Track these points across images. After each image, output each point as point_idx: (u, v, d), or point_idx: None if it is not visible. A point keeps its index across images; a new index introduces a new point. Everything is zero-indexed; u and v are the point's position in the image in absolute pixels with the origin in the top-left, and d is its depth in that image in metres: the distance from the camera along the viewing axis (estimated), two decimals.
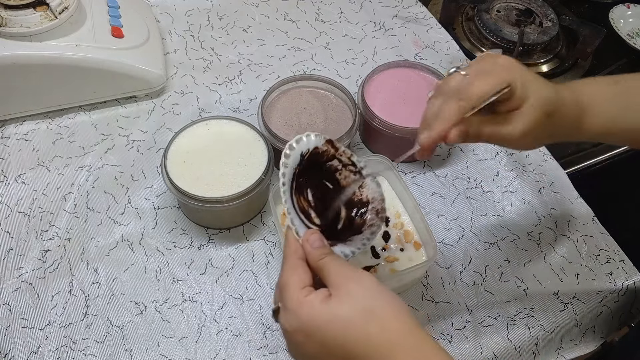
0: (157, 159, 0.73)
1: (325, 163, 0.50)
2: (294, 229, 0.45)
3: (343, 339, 0.38)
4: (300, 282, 0.42)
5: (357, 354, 0.38)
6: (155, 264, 0.64)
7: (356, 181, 0.50)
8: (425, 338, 0.39)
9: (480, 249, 0.68)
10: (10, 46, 0.67)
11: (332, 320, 0.39)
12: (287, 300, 0.41)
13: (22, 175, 0.71)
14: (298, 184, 0.48)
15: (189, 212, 0.67)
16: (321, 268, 0.42)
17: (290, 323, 0.40)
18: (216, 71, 0.85)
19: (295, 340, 0.41)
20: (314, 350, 0.40)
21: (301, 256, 0.44)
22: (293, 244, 0.44)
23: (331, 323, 0.39)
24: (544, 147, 0.78)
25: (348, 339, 0.38)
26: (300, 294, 0.41)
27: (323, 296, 0.40)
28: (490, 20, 0.94)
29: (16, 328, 0.59)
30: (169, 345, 0.59)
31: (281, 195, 0.46)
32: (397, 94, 0.74)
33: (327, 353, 0.39)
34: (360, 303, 0.39)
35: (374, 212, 0.50)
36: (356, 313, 0.39)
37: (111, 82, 0.75)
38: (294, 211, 0.46)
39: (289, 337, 0.41)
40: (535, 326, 0.63)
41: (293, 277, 0.42)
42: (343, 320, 0.39)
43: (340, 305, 0.39)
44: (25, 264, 0.63)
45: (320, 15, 0.95)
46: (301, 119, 0.71)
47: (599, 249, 0.69)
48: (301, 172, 0.48)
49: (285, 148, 0.46)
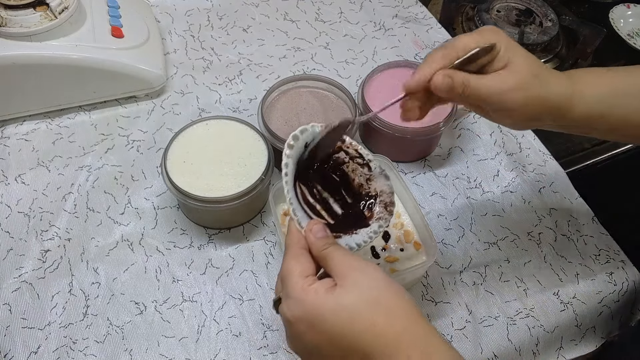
0: (157, 159, 0.73)
1: (332, 155, 0.49)
2: (296, 220, 0.44)
3: (348, 328, 0.38)
4: (303, 271, 0.41)
5: (363, 344, 0.37)
6: (155, 264, 0.64)
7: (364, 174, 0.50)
8: (431, 330, 0.39)
9: (480, 249, 0.68)
10: (10, 46, 0.67)
11: (337, 309, 0.38)
12: (290, 289, 0.40)
13: (22, 175, 0.71)
14: (302, 175, 0.47)
15: (189, 212, 0.67)
16: (325, 258, 0.41)
17: (292, 311, 0.40)
18: (216, 71, 0.85)
19: (297, 330, 0.40)
20: (316, 340, 0.39)
21: (304, 246, 0.43)
22: (295, 234, 0.43)
23: (337, 312, 0.38)
24: (543, 147, 0.78)
25: (354, 329, 0.38)
26: (305, 282, 0.40)
27: (328, 285, 0.39)
28: (490, 20, 0.94)
29: (16, 328, 0.59)
30: (169, 345, 0.59)
31: (283, 185, 0.45)
32: (397, 94, 0.74)
33: (329, 344, 0.38)
34: (366, 293, 0.39)
35: (382, 205, 0.49)
36: (362, 303, 0.38)
37: (111, 82, 0.75)
38: (296, 202, 0.46)
39: (290, 326, 0.40)
40: (535, 326, 0.63)
41: (296, 266, 0.41)
42: (349, 310, 0.38)
43: (347, 295, 0.39)
44: (25, 264, 0.63)
45: (320, 15, 0.95)
46: (301, 119, 0.71)
47: (599, 249, 0.69)
48: (306, 163, 0.47)
49: (289, 138, 0.46)
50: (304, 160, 0.47)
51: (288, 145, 0.46)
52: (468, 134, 0.79)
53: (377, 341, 0.37)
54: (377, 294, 0.39)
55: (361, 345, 0.38)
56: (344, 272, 0.40)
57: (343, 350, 0.38)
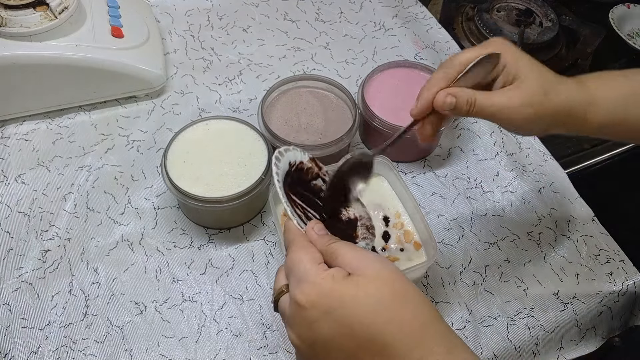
0: (157, 159, 0.73)
1: (310, 182, 0.50)
2: (295, 221, 0.43)
3: (371, 318, 0.35)
4: (314, 259, 0.39)
5: (385, 334, 0.35)
6: (155, 264, 0.64)
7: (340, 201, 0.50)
8: (449, 327, 0.38)
9: (480, 249, 0.68)
10: (10, 46, 0.67)
11: (360, 297, 0.36)
12: (302, 274, 0.38)
13: (22, 175, 0.71)
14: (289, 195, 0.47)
15: (189, 212, 0.67)
16: (333, 252, 0.39)
17: (307, 295, 0.36)
18: (216, 71, 0.85)
19: (309, 316, 0.37)
20: (329, 330, 0.36)
21: (308, 240, 0.41)
22: (296, 230, 0.42)
23: (359, 300, 0.36)
24: (543, 147, 0.78)
25: (377, 319, 0.35)
26: (319, 268, 0.38)
27: (344, 273, 0.37)
28: (490, 20, 0.94)
29: (16, 328, 0.59)
30: (169, 345, 0.59)
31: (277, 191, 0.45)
32: (397, 94, 0.74)
33: (344, 334, 0.36)
34: (390, 284, 0.37)
35: (364, 227, 0.50)
36: (388, 294, 0.36)
37: (111, 82, 0.75)
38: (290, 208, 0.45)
39: (300, 313, 0.37)
40: (535, 326, 0.62)
41: (306, 255, 0.39)
42: (374, 299, 0.36)
43: (370, 284, 0.36)
44: (25, 264, 0.63)
45: (320, 15, 0.95)
46: (301, 119, 0.71)
47: (599, 249, 0.69)
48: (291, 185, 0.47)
49: (275, 153, 0.46)
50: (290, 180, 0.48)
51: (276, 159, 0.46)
52: (468, 134, 0.79)
53: (401, 332, 0.35)
54: (402, 286, 0.37)
55: (382, 336, 0.35)
56: (360, 264, 0.38)
57: (359, 340, 0.36)
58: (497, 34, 0.92)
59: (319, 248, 0.40)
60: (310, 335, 0.37)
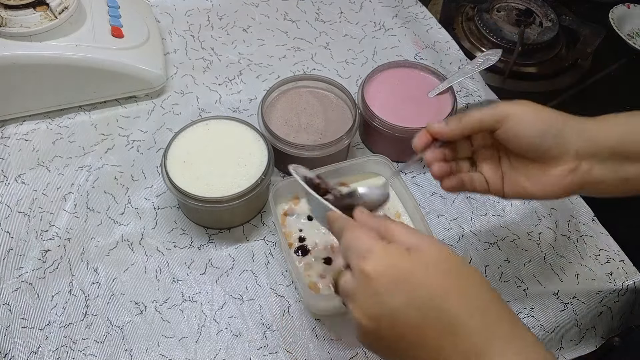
0: (157, 159, 0.73)
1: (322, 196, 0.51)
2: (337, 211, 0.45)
3: (441, 288, 0.36)
4: (373, 236, 0.39)
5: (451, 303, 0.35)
6: (155, 264, 0.64)
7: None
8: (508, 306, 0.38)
9: (480, 249, 0.68)
10: (10, 46, 0.67)
11: (429, 267, 0.36)
12: (365, 248, 0.38)
13: (22, 175, 0.71)
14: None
15: (189, 212, 0.67)
16: (389, 229, 0.40)
17: (375, 264, 0.36)
18: (216, 71, 0.85)
19: (376, 287, 0.36)
20: (397, 300, 0.36)
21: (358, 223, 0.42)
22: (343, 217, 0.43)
23: (429, 270, 0.36)
24: None
25: (446, 289, 0.36)
26: (381, 242, 0.38)
27: (406, 247, 0.37)
28: (490, 20, 0.94)
29: (16, 328, 0.59)
30: (169, 345, 0.59)
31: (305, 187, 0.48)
32: (397, 94, 0.74)
33: (413, 304, 0.35)
34: (454, 259, 0.37)
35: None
36: (455, 267, 0.37)
37: (111, 82, 0.75)
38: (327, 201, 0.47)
39: (367, 283, 0.37)
40: (535, 326, 0.62)
41: (364, 233, 0.39)
42: (443, 270, 0.36)
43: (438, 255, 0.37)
44: (25, 264, 0.63)
45: (320, 15, 0.95)
46: (301, 119, 0.71)
47: (599, 249, 0.69)
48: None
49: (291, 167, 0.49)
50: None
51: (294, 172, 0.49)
52: None
53: (469, 304, 0.36)
54: (465, 266, 0.37)
55: (447, 306, 0.35)
56: (420, 242, 0.38)
57: (425, 311, 0.35)
58: (497, 34, 0.92)
59: (373, 226, 0.41)
60: (376, 307, 0.37)
